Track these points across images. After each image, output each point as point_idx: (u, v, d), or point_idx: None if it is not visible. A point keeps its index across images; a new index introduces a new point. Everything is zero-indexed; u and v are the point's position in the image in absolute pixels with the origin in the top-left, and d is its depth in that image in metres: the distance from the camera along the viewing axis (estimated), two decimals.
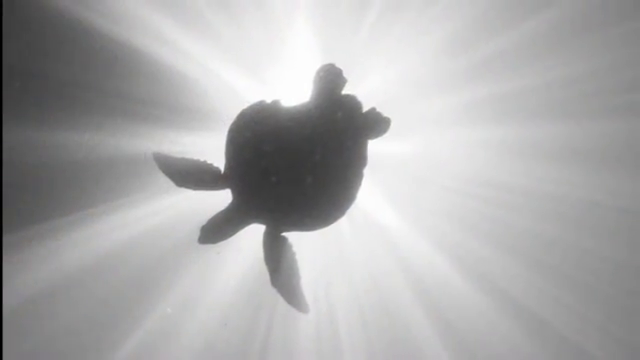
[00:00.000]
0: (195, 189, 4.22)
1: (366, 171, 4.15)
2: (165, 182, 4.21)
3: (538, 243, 5.74)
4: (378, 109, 4.21)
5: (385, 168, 5.49)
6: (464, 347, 6.22)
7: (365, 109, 4.20)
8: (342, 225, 5.35)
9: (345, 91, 4.22)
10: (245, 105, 4.19)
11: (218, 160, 4.18)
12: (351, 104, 4.17)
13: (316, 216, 4.18)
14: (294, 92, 4.45)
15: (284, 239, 4.21)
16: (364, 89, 4.53)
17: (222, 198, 4.22)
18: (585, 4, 4.94)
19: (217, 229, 4.20)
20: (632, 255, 5.59)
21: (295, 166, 4.05)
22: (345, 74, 4.21)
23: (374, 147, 4.21)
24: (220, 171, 4.16)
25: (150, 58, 5.08)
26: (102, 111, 5.08)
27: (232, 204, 4.21)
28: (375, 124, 4.18)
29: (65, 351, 6.05)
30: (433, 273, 6.04)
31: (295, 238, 4.25)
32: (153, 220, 5.70)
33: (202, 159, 4.20)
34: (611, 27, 5.01)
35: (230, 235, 4.26)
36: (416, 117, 5.46)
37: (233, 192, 4.19)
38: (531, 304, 5.96)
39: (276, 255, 4.16)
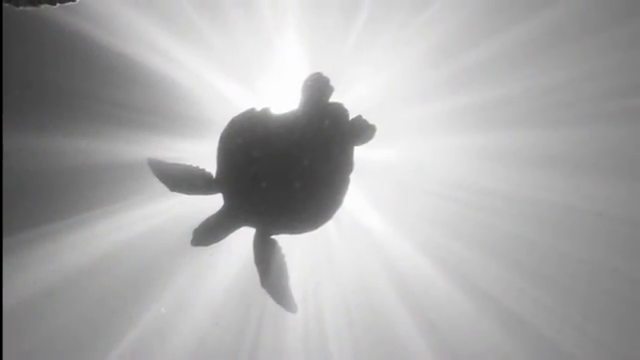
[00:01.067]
0: (188, 193, 4.27)
1: (352, 176, 4.21)
2: (159, 187, 4.28)
3: (518, 245, 5.84)
4: (364, 116, 4.26)
5: (371, 173, 5.56)
6: (446, 345, 6.31)
7: (351, 116, 4.26)
8: (329, 228, 5.48)
9: (332, 99, 4.29)
10: (236, 113, 4.25)
11: (210, 166, 4.23)
12: (338, 112, 4.24)
13: (304, 220, 4.24)
14: (283, 100, 4.52)
15: (274, 242, 4.27)
16: (351, 97, 4.62)
17: (214, 202, 4.28)
18: (562, 16, 5.04)
19: (209, 232, 4.26)
20: (607, 257, 5.70)
21: (284, 171, 4.11)
22: (332, 83, 4.27)
23: (360, 153, 4.27)
24: (212, 176, 4.22)
25: (145, 67, 5.17)
26: (99, 118, 5.17)
27: (223, 208, 4.27)
28: (361, 131, 4.23)
29: (63, 350, 6.14)
30: (417, 274, 6.13)
31: (284, 241, 4.30)
32: (148, 223, 5.79)
33: (195, 165, 4.25)
34: (587, 37, 5.13)
35: (222, 238, 4.32)
36: (401, 124, 5.55)
37: (224, 196, 4.25)
38: (510, 304, 6.05)
39: (266, 257, 4.22)
